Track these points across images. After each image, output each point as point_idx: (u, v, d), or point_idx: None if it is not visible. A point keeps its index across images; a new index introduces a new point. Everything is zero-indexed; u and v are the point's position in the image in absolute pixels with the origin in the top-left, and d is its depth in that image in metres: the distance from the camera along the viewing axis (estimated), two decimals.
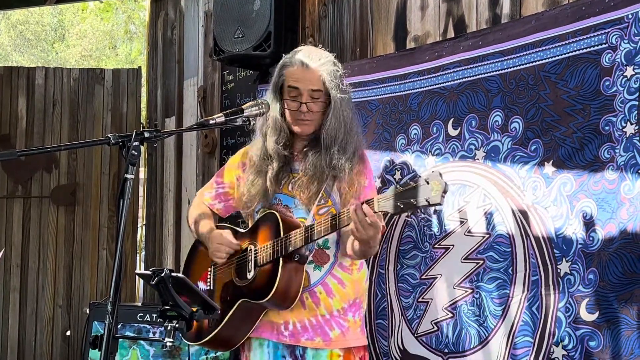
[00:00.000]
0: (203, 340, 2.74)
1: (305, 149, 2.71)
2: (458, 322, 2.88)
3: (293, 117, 2.70)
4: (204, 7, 5.44)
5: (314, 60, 2.68)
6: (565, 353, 2.48)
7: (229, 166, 2.96)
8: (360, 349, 2.70)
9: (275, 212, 2.67)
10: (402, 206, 2.25)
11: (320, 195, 2.65)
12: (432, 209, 2.75)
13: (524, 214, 2.67)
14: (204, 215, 2.93)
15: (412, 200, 2.21)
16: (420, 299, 3.05)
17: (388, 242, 3.23)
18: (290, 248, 2.55)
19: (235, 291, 2.69)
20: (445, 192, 2.14)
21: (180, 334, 2.30)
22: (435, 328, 2.97)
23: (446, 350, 2.92)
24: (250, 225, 2.78)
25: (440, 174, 2.17)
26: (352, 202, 2.57)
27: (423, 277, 3.05)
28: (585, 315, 2.42)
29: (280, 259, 2.58)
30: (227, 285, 2.76)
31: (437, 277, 2.99)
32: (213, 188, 2.98)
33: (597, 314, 2.38)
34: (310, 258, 2.65)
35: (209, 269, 2.86)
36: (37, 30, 21.39)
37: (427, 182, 2.17)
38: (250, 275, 2.67)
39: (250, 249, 2.70)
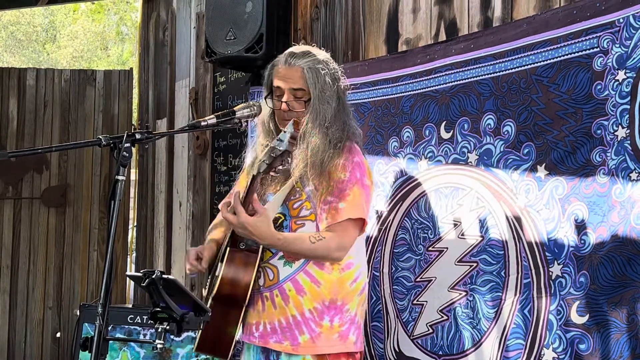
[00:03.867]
0: (195, 346, 2.73)
1: None
2: (453, 324, 2.89)
3: (279, 117, 2.69)
4: (196, 8, 5.44)
5: (297, 58, 2.66)
6: (555, 355, 2.48)
7: (242, 173, 2.96)
8: (339, 356, 2.61)
9: None
10: (268, 160, 2.44)
11: (295, 188, 2.62)
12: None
13: (516, 217, 2.68)
14: (215, 225, 2.93)
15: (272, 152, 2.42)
16: (415, 302, 3.05)
17: (382, 244, 3.23)
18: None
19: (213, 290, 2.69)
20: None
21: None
22: (431, 330, 2.97)
23: (441, 353, 2.92)
24: None
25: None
26: (328, 200, 2.56)
27: (417, 279, 3.05)
28: (575, 318, 2.42)
29: (227, 249, 2.59)
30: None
31: (431, 280, 2.99)
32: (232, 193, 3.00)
33: (587, 317, 2.38)
34: (280, 253, 2.63)
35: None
36: (28, 31, 21.34)
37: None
38: (217, 273, 2.67)
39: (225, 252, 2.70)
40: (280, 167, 2.47)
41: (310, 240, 2.54)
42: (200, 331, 2.64)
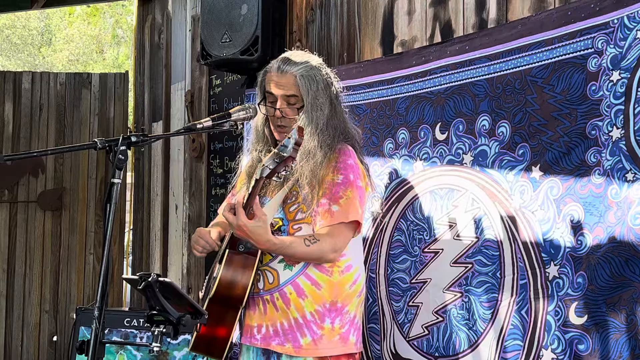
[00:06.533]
0: (190, 346, 2.73)
1: None
2: (448, 325, 2.89)
3: (273, 124, 2.70)
4: (191, 11, 5.44)
5: (290, 65, 2.65)
6: (554, 356, 2.48)
7: (238, 177, 2.96)
8: (340, 358, 2.62)
9: None
10: (272, 165, 2.34)
11: (292, 192, 2.62)
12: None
13: (511, 218, 2.68)
14: (214, 224, 2.92)
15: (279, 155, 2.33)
16: (410, 303, 3.06)
17: (378, 246, 3.23)
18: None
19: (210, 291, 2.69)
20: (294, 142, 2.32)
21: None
22: (426, 332, 2.97)
23: (437, 354, 2.92)
24: None
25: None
26: (322, 202, 2.56)
27: (413, 281, 3.06)
28: (574, 318, 2.42)
29: (227, 251, 2.58)
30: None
31: (426, 281, 2.99)
32: (230, 196, 2.99)
33: (585, 318, 2.38)
34: (280, 257, 2.62)
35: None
36: (24, 35, 21.31)
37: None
38: (215, 275, 2.67)
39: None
40: (283, 173, 2.44)
41: (305, 243, 2.54)
42: (195, 332, 2.64)
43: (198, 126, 2.54)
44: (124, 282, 6.00)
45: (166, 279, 2.28)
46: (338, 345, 2.61)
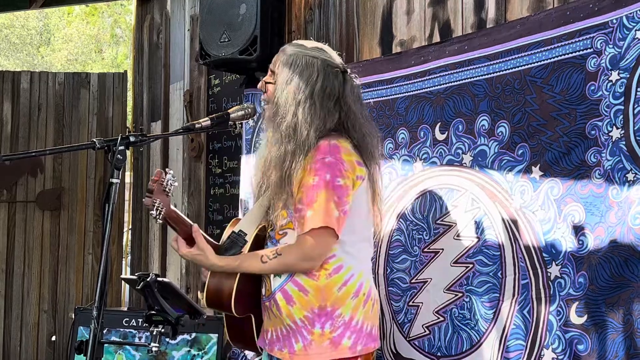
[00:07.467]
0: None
1: None
2: (449, 325, 2.88)
3: None
4: (190, 11, 5.44)
5: (292, 46, 2.64)
6: (554, 356, 2.48)
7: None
8: None
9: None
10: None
11: (278, 195, 2.55)
12: None
13: (512, 218, 2.68)
14: None
15: None
16: (410, 303, 3.05)
17: (377, 246, 3.23)
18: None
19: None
20: None
21: None
22: (427, 332, 2.97)
23: (439, 354, 2.92)
24: None
25: None
26: (299, 207, 2.50)
27: (413, 281, 3.05)
28: (574, 318, 2.42)
29: None
30: None
31: (427, 281, 2.99)
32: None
33: (585, 317, 2.38)
34: None
35: None
36: (23, 34, 21.30)
37: None
38: None
39: None
40: (154, 210, 2.48)
41: (262, 259, 2.50)
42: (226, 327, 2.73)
43: (197, 126, 2.54)
44: (123, 282, 6.00)
45: (165, 279, 2.28)
46: (327, 351, 2.51)
